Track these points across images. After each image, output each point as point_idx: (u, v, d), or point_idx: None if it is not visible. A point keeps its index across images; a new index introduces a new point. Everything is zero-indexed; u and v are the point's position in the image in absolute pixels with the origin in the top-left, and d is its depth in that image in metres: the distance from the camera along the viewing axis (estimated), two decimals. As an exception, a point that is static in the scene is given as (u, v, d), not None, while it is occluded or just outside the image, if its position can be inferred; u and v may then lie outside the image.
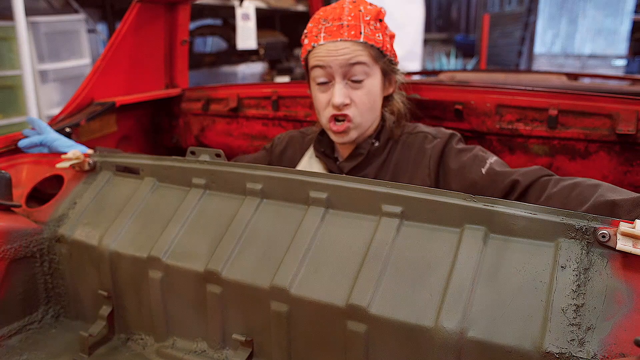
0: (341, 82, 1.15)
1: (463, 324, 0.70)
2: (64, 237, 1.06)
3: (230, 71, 5.71)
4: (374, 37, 1.15)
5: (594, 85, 2.75)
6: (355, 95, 1.15)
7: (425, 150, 1.19)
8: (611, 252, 0.70)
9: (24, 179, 1.22)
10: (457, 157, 1.15)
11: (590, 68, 8.16)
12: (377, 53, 1.16)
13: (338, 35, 1.13)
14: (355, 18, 1.14)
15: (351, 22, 1.14)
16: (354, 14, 1.15)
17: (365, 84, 1.16)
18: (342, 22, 1.14)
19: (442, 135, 1.20)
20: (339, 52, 1.13)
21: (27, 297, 1.07)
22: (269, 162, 1.40)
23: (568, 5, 8.25)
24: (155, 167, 1.07)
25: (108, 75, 1.65)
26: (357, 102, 1.16)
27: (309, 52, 1.19)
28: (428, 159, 1.17)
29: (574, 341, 0.65)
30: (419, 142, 1.21)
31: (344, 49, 1.13)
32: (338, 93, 1.14)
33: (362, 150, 1.22)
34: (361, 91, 1.15)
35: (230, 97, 1.78)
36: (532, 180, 1.02)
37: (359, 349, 0.77)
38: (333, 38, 1.14)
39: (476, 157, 1.13)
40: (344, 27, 1.14)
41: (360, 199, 0.86)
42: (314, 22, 1.19)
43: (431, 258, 0.78)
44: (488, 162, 1.11)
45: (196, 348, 0.94)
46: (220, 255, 0.89)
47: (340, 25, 1.14)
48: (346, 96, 1.15)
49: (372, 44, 1.14)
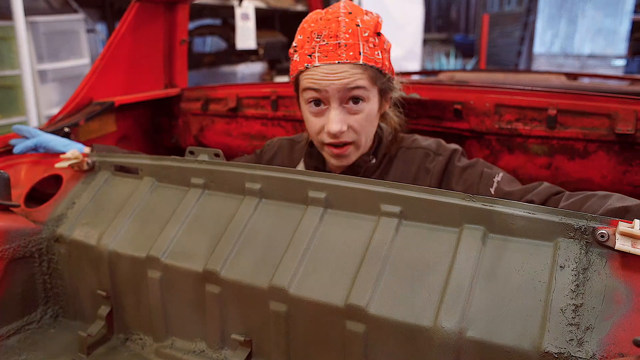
0: (337, 108, 1.06)
1: (462, 323, 0.70)
2: (62, 237, 1.06)
3: (230, 71, 5.71)
4: (374, 57, 1.06)
5: (593, 85, 2.75)
6: (352, 120, 1.07)
7: (427, 170, 1.13)
8: (610, 252, 0.70)
9: (23, 178, 1.22)
10: (462, 177, 1.11)
11: (589, 68, 8.16)
12: (376, 74, 1.07)
13: (335, 57, 1.03)
14: (353, 35, 1.04)
15: (349, 41, 1.03)
16: (351, 31, 1.04)
17: (364, 108, 1.07)
18: (338, 40, 1.04)
19: (444, 151, 1.14)
20: (337, 75, 1.03)
21: (25, 297, 1.07)
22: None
23: (567, 5, 8.25)
24: (154, 167, 1.07)
25: (107, 75, 1.65)
26: (355, 127, 1.08)
27: (300, 72, 1.08)
28: (429, 178, 1.13)
29: (573, 341, 0.65)
30: (419, 159, 1.15)
31: (342, 73, 1.03)
32: (334, 119, 1.05)
33: (358, 169, 1.15)
34: (359, 115, 1.07)
35: (229, 97, 1.78)
36: (545, 198, 0.99)
37: (357, 348, 0.77)
38: (330, 60, 1.03)
39: (482, 175, 1.08)
40: (341, 47, 1.03)
41: (359, 198, 0.86)
42: (305, 36, 1.08)
43: (430, 258, 0.77)
44: (495, 181, 1.06)
45: (195, 348, 0.94)
46: (219, 255, 0.89)
47: (337, 44, 1.03)
48: (343, 122, 1.06)
49: (371, 65, 1.05)
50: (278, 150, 1.35)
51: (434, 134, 1.39)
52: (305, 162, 1.24)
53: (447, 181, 1.13)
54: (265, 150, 1.37)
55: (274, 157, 1.35)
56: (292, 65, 1.12)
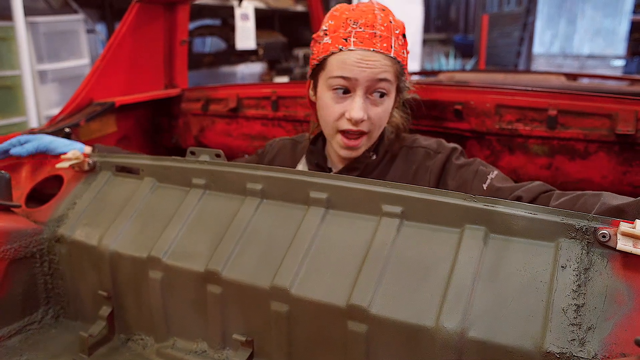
0: (362, 96, 1.08)
1: (464, 324, 0.70)
2: (63, 238, 1.06)
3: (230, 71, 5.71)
4: (401, 54, 1.09)
5: (592, 86, 2.75)
6: (372, 112, 1.09)
7: (427, 167, 1.15)
8: (611, 252, 0.70)
9: (24, 179, 1.22)
10: (457, 174, 1.13)
11: (589, 68, 8.17)
12: (400, 70, 1.11)
13: (371, 45, 1.05)
14: (388, 29, 1.07)
15: (384, 33, 1.06)
16: (386, 25, 1.07)
17: (384, 102, 1.10)
18: (375, 30, 1.06)
19: (443, 150, 1.16)
20: (369, 64, 1.05)
21: (27, 297, 1.07)
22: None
23: (567, 6, 8.26)
24: (155, 167, 1.07)
25: (107, 75, 1.65)
26: (373, 118, 1.10)
27: (332, 53, 1.08)
28: (429, 175, 1.15)
29: (575, 341, 0.65)
30: (420, 158, 1.17)
31: (375, 61, 1.06)
32: (357, 107, 1.07)
33: (359, 165, 1.17)
34: (380, 108, 1.10)
35: (229, 97, 1.78)
36: (535, 195, 1.00)
37: (359, 349, 0.77)
38: (365, 46, 1.05)
39: (477, 172, 1.10)
40: (376, 37, 1.06)
41: (360, 199, 0.86)
42: (339, 22, 1.09)
43: (431, 258, 0.78)
44: (489, 178, 1.08)
45: (196, 348, 0.94)
46: (221, 256, 0.89)
47: (374, 33, 1.06)
48: (365, 111, 1.08)
49: (399, 61, 1.09)
50: (280, 150, 1.35)
51: (434, 134, 1.39)
52: (307, 158, 1.25)
53: (444, 178, 1.14)
54: (267, 151, 1.37)
55: (275, 156, 1.35)
56: (319, 48, 1.12)
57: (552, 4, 8.31)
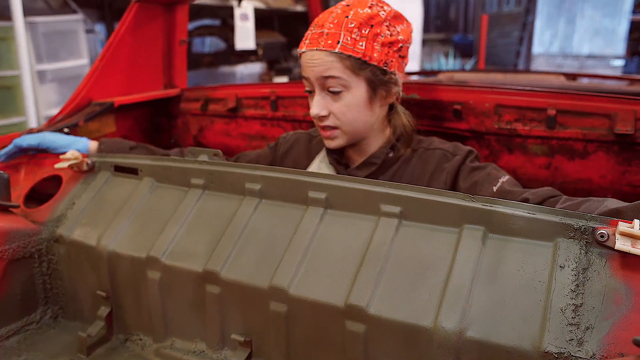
0: (320, 93, 1.12)
1: (462, 324, 0.70)
2: (62, 238, 1.06)
3: (229, 71, 5.70)
4: (354, 47, 1.08)
5: (592, 86, 2.75)
6: (334, 107, 1.12)
7: (444, 169, 1.16)
8: (610, 252, 0.70)
9: (22, 179, 1.22)
10: (469, 176, 1.13)
11: (588, 68, 8.17)
12: (356, 63, 1.09)
13: (315, 44, 1.10)
14: (337, 25, 1.09)
15: (331, 30, 1.09)
16: (337, 21, 1.10)
17: (344, 97, 1.11)
18: (323, 29, 1.10)
19: (460, 152, 1.17)
20: (314, 62, 1.10)
21: (25, 297, 1.07)
22: (271, 161, 1.37)
23: (566, 6, 8.26)
24: (154, 167, 1.07)
25: (106, 75, 1.65)
26: (336, 113, 1.12)
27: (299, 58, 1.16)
28: (445, 176, 1.15)
29: (573, 341, 0.65)
30: (437, 159, 1.18)
31: (318, 60, 1.09)
32: (315, 104, 1.12)
33: (376, 160, 1.19)
34: (339, 103, 1.12)
35: (228, 97, 1.78)
36: (542, 199, 1.00)
37: (358, 349, 0.77)
38: (312, 46, 1.11)
39: (489, 175, 1.11)
40: (323, 36, 1.10)
41: (359, 199, 0.86)
42: (310, 27, 1.16)
43: (430, 258, 0.78)
44: (500, 181, 1.09)
45: (195, 348, 0.94)
46: (219, 256, 0.89)
47: (321, 32, 1.10)
48: (323, 107, 1.12)
49: (349, 54, 1.08)
50: (294, 143, 1.36)
51: (433, 134, 1.39)
52: (328, 152, 1.26)
53: (457, 180, 1.15)
54: (281, 143, 1.38)
55: (290, 149, 1.36)
56: None
57: (552, 4, 8.31)
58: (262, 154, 1.40)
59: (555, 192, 1.02)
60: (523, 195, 1.02)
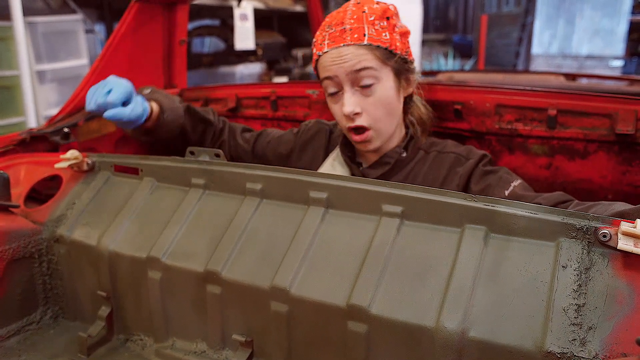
0: (350, 90, 1.11)
1: (464, 324, 0.70)
2: (62, 238, 1.06)
3: (229, 71, 5.70)
4: (380, 37, 1.10)
5: (591, 86, 2.75)
6: (366, 103, 1.12)
7: (457, 172, 1.16)
8: (612, 252, 0.70)
9: (22, 179, 1.22)
10: (482, 179, 1.13)
11: (587, 68, 8.17)
12: (384, 54, 1.11)
13: (341, 41, 1.10)
14: (358, 20, 1.11)
15: (354, 25, 1.10)
16: (356, 16, 1.11)
17: (376, 90, 1.11)
18: (344, 26, 1.11)
19: (473, 156, 1.17)
20: (343, 58, 1.09)
21: (25, 297, 1.07)
22: (292, 147, 1.36)
23: (565, 6, 8.26)
24: (154, 167, 1.06)
25: (106, 75, 1.64)
26: (369, 109, 1.12)
27: (316, 61, 1.16)
28: (458, 179, 1.15)
29: (576, 341, 0.65)
30: (450, 163, 1.18)
31: (348, 55, 1.09)
32: (347, 102, 1.11)
33: (389, 159, 1.19)
34: (373, 98, 1.11)
35: (228, 97, 1.78)
36: (552, 204, 1.00)
37: (359, 349, 0.77)
38: (336, 44, 1.10)
39: (500, 179, 1.11)
40: (346, 31, 1.10)
41: (360, 198, 0.86)
42: (321, 30, 1.16)
43: (432, 258, 0.77)
44: (512, 185, 1.09)
45: (196, 349, 0.94)
46: (220, 256, 0.89)
47: (343, 29, 1.10)
48: (356, 104, 1.11)
49: (377, 45, 1.10)
50: (317, 133, 1.36)
51: (434, 134, 1.39)
52: (341, 149, 1.27)
53: (469, 182, 1.15)
54: (303, 131, 1.38)
55: (312, 138, 1.35)
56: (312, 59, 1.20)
57: (551, 5, 8.31)
58: (285, 138, 1.39)
59: (567, 197, 1.02)
60: (535, 199, 1.02)
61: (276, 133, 1.42)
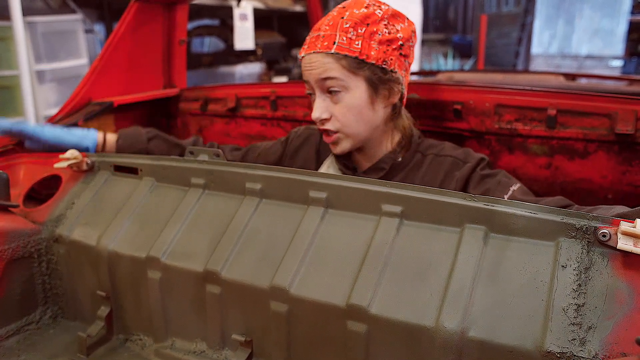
0: (321, 96, 1.13)
1: (464, 323, 0.70)
2: (62, 238, 1.06)
3: (228, 71, 5.70)
4: (350, 47, 1.08)
5: (591, 86, 2.75)
6: (335, 109, 1.12)
7: (454, 176, 1.16)
8: (612, 252, 0.70)
9: (22, 179, 1.21)
10: (480, 183, 1.13)
11: (587, 68, 8.17)
12: (352, 63, 1.08)
13: (312, 47, 1.11)
14: (333, 27, 1.10)
15: (327, 32, 1.10)
16: (332, 23, 1.10)
17: (343, 98, 1.11)
18: (320, 32, 1.11)
19: (471, 159, 1.16)
20: (312, 65, 1.11)
21: (24, 297, 1.06)
22: (281, 155, 1.36)
23: (565, 6, 8.27)
24: (154, 167, 1.06)
25: (106, 75, 1.65)
26: (337, 115, 1.12)
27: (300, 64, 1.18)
28: (455, 183, 1.15)
29: (575, 340, 0.65)
30: (447, 167, 1.17)
31: (315, 62, 1.10)
32: (316, 107, 1.13)
33: (384, 165, 1.19)
34: (340, 105, 1.12)
35: (228, 97, 1.78)
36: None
37: (359, 349, 0.77)
38: (310, 50, 1.12)
39: (499, 183, 1.11)
40: (319, 39, 1.11)
41: (360, 198, 0.86)
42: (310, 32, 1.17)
43: (431, 258, 0.77)
44: (511, 189, 1.08)
45: (195, 348, 0.94)
46: (220, 255, 0.89)
47: (318, 36, 1.11)
48: (324, 110, 1.12)
49: (345, 54, 1.08)
50: (306, 140, 1.36)
51: (433, 134, 1.39)
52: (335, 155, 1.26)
53: (467, 187, 1.14)
54: (292, 138, 1.38)
55: (303, 144, 1.35)
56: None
57: (551, 5, 8.32)
58: (274, 148, 1.39)
59: (567, 202, 1.02)
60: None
61: (265, 145, 1.42)
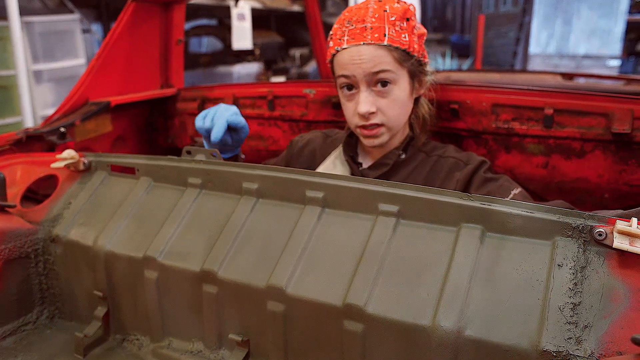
0: (366, 90, 1.12)
1: (460, 322, 0.70)
2: (58, 238, 1.06)
3: (226, 71, 5.70)
4: (399, 39, 1.10)
5: (588, 85, 2.75)
6: (381, 103, 1.12)
7: (454, 177, 1.16)
8: (608, 250, 0.70)
9: (19, 179, 1.21)
10: (481, 186, 1.13)
11: (584, 68, 8.19)
12: (402, 55, 1.11)
13: (361, 39, 1.09)
14: (380, 19, 1.10)
15: (375, 24, 1.09)
16: (378, 15, 1.10)
17: (392, 91, 1.12)
18: (365, 24, 1.10)
19: (472, 162, 1.17)
20: (362, 58, 1.09)
21: (21, 298, 1.06)
22: (288, 159, 1.38)
23: (563, 6, 8.29)
24: (151, 166, 1.06)
25: (103, 75, 1.65)
26: (384, 109, 1.12)
27: (333, 55, 1.16)
28: (455, 184, 1.15)
29: (571, 339, 0.65)
30: (448, 167, 1.18)
31: (366, 55, 1.09)
32: (363, 101, 1.11)
33: (388, 161, 1.19)
34: (388, 99, 1.12)
35: (225, 97, 1.77)
36: None
37: (355, 348, 0.77)
38: (356, 42, 1.10)
39: (501, 187, 1.11)
40: (367, 30, 1.09)
41: (356, 198, 0.86)
42: (339, 24, 1.15)
43: (428, 257, 0.77)
44: (512, 193, 1.09)
45: (192, 348, 0.94)
46: (217, 255, 0.89)
47: (364, 27, 1.10)
48: (372, 104, 1.11)
49: (396, 46, 1.09)
50: (310, 140, 1.37)
51: (431, 134, 1.40)
52: (344, 148, 1.27)
53: (468, 188, 1.15)
54: (296, 141, 1.39)
55: (306, 145, 1.37)
56: (328, 52, 1.20)
57: (548, 4, 8.34)
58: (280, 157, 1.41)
59: (567, 206, 1.03)
60: None
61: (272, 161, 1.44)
